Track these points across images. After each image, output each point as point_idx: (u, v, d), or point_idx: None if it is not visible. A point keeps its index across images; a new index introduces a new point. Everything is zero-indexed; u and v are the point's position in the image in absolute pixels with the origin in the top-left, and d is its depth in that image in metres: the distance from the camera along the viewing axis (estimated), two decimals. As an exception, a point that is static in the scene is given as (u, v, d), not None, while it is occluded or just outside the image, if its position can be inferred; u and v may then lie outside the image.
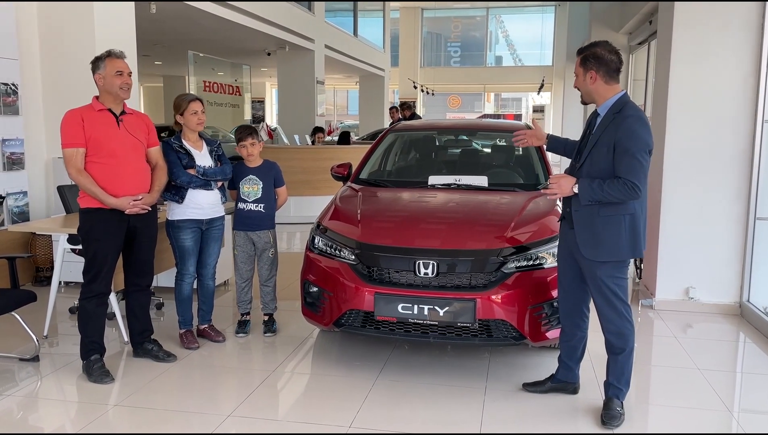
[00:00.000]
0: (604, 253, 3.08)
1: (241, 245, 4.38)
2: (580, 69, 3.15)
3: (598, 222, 3.07)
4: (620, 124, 3.02)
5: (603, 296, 3.15)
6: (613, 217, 3.06)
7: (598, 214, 3.06)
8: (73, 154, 3.53)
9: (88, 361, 3.66)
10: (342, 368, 3.88)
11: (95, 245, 3.62)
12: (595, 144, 3.10)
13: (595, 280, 3.15)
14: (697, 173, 4.98)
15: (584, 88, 3.17)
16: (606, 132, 3.06)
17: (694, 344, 4.39)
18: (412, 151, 5.54)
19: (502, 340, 3.56)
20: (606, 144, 3.04)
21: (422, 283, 3.57)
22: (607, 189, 2.97)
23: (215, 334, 4.30)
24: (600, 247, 3.08)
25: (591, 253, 3.10)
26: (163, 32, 10.99)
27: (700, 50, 4.91)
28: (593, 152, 3.10)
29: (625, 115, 3.04)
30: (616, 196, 2.97)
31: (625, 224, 3.06)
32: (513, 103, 35.42)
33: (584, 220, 3.12)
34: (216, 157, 4.19)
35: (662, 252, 5.11)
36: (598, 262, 3.10)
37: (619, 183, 2.97)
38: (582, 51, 3.17)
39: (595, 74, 3.10)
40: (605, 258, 3.09)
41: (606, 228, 3.07)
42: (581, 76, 3.15)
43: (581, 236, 3.12)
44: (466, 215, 4.05)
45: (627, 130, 2.99)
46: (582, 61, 3.14)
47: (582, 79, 3.15)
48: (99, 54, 3.63)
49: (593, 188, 3.01)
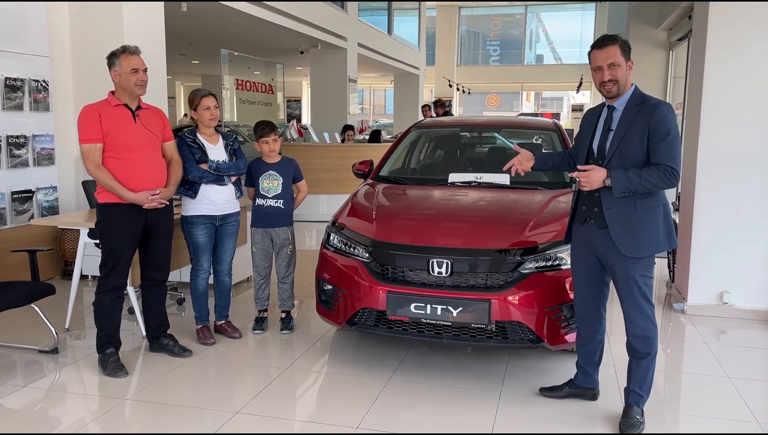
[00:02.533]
0: (643, 248, 2.95)
1: (259, 242, 4.36)
2: (622, 57, 2.96)
3: (635, 217, 2.94)
4: (651, 112, 2.90)
5: (632, 297, 3.02)
6: (650, 209, 2.94)
7: (635, 208, 2.93)
8: (90, 150, 3.55)
9: (103, 355, 3.69)
10: (356, 367, 3.82)
11: (113, 240, 3.64)
12: (623, 138, 2.95)
13: (627, 281, 3.01)
14: (733, 172, 4.76)
15: (625, 79, 2.99)
16: (634, 124, 2.93)
17: (725, 351, 4.19)
18: (434, 148, 5.45)
19: (519, 343, 3.45)
20: (638, 135, 2.91)
21: (436, 283, 3.49)
22: (646, 176, 2.85)
23: (232, 331, 4.29)
24: (640, 243, 2.94)
25: (631, 249, 2.95)
26: (196, 31, 11.13)
27: (735, 48, 4.70)
28: (622, 146, 2.95)
29: (653, 103, 2.95)
30: (656, 183, 2.85)
31: (660, 216, 2.95)
32: (554, 103, 34.83)
33: (619, 218, 2.97)
34: (231, 152, 4.18)
35: (695, 254, 4.90)
36: (632, 261, 2.96)
37: (658, 169, 2.85)
38: (614, 39, 2.98)
39: (632, 64, 2.99)
40: (645, 253, 2.96)
41: (643, 222, 2.94)
42: (624, 64, 2.97)
43: (618, 234, 2.97)
44: (484, 213, 3.95)
45: (661, 117, 2.88)
46: (623, 49, 2.97)
47: (625, 68, 2.98)
48: (114, 50, 3.64)
49: (629, 178, 2.87)
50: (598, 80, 3.02)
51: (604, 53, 2.98)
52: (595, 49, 3.02)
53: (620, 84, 2.99)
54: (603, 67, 2.98)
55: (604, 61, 2.97)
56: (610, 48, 2.97)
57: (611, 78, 2.97)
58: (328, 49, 12.98)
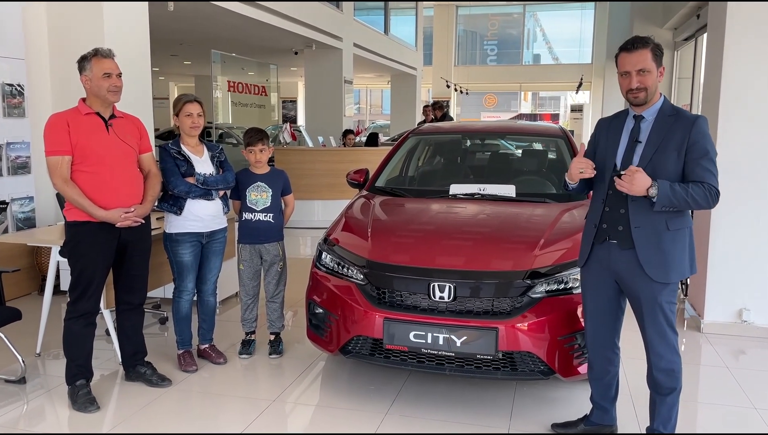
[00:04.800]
0: (673, 273, 2.67)
1: (248, 259, 4.04)
2: (653, 64, 2.65)
3: (667, 238, 2.66)
4: (690, 126, 2.62)
5: (657, 327, 2.73)
6: (680, 231, 2.67)
7: (667, 228, 2.65)
8: (57, 163, 3.23)
9: (73, 387, 3.38)
10: (351, 398, 3.51)
11: (82, 261, 3.32)
12: (656, 150, 2.66)
13: (653, 308, 2.71)
14: (753, 181, 4.45)
15: (655, 86, 2.69)
16: (670, 136, 2.64)
17: (749, 376, 3.88)
18: (433, 156, 5.14)
19: (528, 375, 3.14)
20: (676, 148, 2.63)
21: (437, 309, 3.18)
22: (692, 193, 2.57)
23: (216, 356, 3.97)
24: (670, 266, 2.66)
25: (660, 274, 2.66)
26: (186, 31, 10.81)
27: (756, 47, 4.38)
28: (655, 158, 2.65)
29: (689, 116, 2.67)
30: (699, 202, 2.59)
31: (688, 238, 2.70)
32: (551, 102, 34.54)
33: (649, 238, 2.67)
34: (218, 164, 3.87)
35: (711, 269, 4.60)
36: (659, 286, 2.68)
37: (704, 188, 2.59)
38: (646, 42, 2.66)
39: (663, 70, 2.70)
40: (675, 278, 2.68)
41: (674, 244, 2.67)
42: (655, 71, 2.66)
43: (646, 256, 2.67)
44: (489, 231, 3.63)
45: (702, 132, 2.62)
46: (654, 54, 2.66)
47: (656, 75, 2.67)
48: (85, 53, 3.33)
49: (675, 191, 2.57)
50: (626, 87, 2.71)
51: (634, 57, 2.66)
52: (624, 52, 2.69)
53: (649, 92, 2.68)
54: (631, 74, 2.66)
55: (633, 67, 2.65)
56: (641, 52, 2.65)
57: (640, 85, 2.66)
58: (322, 50, 12.66)
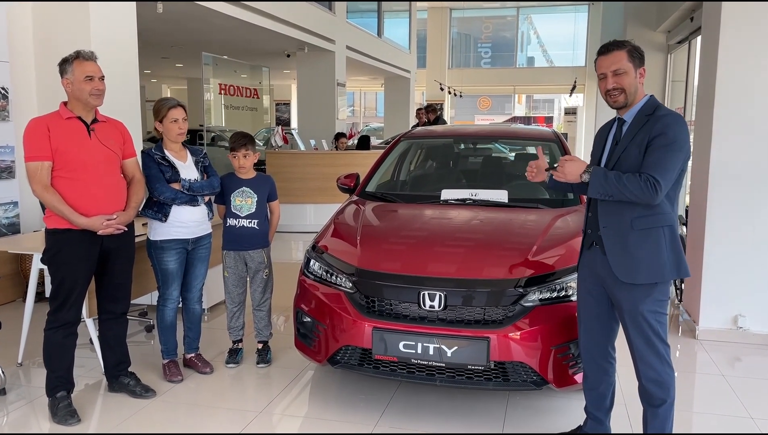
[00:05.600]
0: (642, 274, 2.59)
1: (232, 266, 3.95)
2: (630, 64, 2.64)
3: (632, 237, 2.60)
4: (654, 123, 2.59)
5: (643, 336, 2.65)
6: (650, 230, 2.58)
7: (631, 227, 2.59)
8: (37, 169, 3.14)
9: (53, 399, 3.28)
10: (339, 410, 3.43)
11: (63, 270, 3.23)
12: (625, 148, 2.63)
13: (635, 317, 2.65)
14: (749, 187, 4.40)
15: (634, 87, 2.66)
16: (637, 135, 2.61)
17: (745, 385, 3.82)
18: (425, 161, 5.06)
19: (521, 385, 3.07)
20: (637, 145, 2.59)
21: (428, 318, 3.10)
22: (625, 181, 2.52)
23: (202, 365, 3.88)
24: (638, 268, 2.59)
25: (627, 274, 2.61)
26: (176, 33, 10.69)
27: (751, 49, 4.33)
28: (622, 156, 2.64)
29: (660, 114, 2.62)
30: (634, 192, 2.51)
31: (665, 238, 2.59)
32: (545, 105, 34.52)
33: (615, 238, 2.63)
34: (202, 169, 3.78)
35: (706, 275, 4.54)
36: (639, 293, 2.61)
37: (639, 178, 2.51)
38: (622, 44, 2.68)
39: (644, 71, 2.68)
40: (644, 280, 2.60)
41: (643, 244, 2.59)
42: (632, 72, 2.65)
43: (613, 256, 2.64)
44: (481, 237, 3.56)
45: (663, 126, 2.57)
46: (631, 55, 2.65)
47: (633, 75, 2.66)
48: (66, 56, 3.24)
49: (608, 178, 2.56)
50: (603, 89, 2.72)
51: (609, 59, 2.67)
52: (600, 55, 2.72)
53: (628, 93, 2.66)
54: (607, 75, 2.67)
55: (608, 68, 2.67)
56: (615, 54, 2.66)
57: (616, 86, 2.66)
58: (315, 52, 12.57)
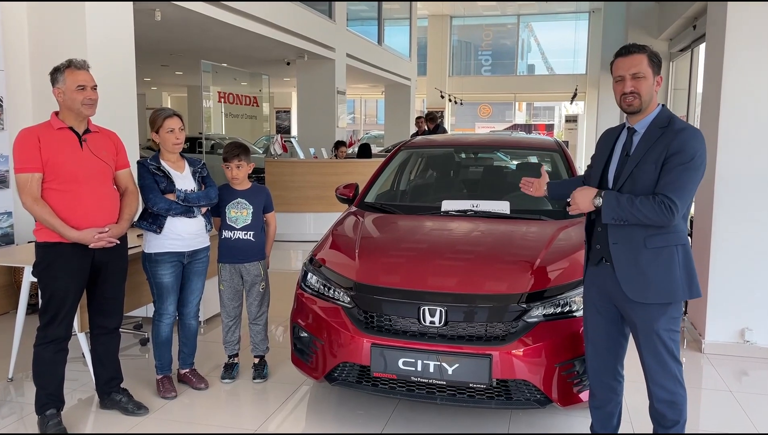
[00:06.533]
0: (653, 294, 2.51)
1: (228, 280, 3.86)
2: (650, 69, 2.56)
3: (645, 256, 2.51)
4: (673, 137, 2.48)
5: (656, 355, 2.57)
6: (663, 249, 2.49)
7: (645, 245, 2.50)
8: (27, 180, 3.06)
9: (42, 417, 3.19)
10: (338, 427, 3.33)
11: (53, 285, 3.14)
12: (638, 163, 2.53)
13: (649, 336, 2.56)
14: (756, 196, 4.31)
15: (650, 94, 2.58)
16: (653, 148, 2.52)
17: (754, 401, 3.72)
18: (425, 171, 4.98)
19: (524, 404, 2.97)
20: (654, 160, 2.49)
21: (428, 334, 3.01)
22: (639, 205, 2.42)
23: (197, 381, 3.79)
24: (649, 287, 2.51)
25: (637, 293, 2.53)
26: (175, 41, 10.64)
27: (759, 55, 4.25)
28: (635, 172, 2.53)
29: (678, 127, 2.52)
30: (648, 215, 2.42)
31: (678, 257, 2.50)
32: (546, 113, 34.49)
33: (626, 256, 2.54)
34: (200, 180, 3.70)
35: (713, 287, 4.44)
36: (654, 312, 2.53)
37: (654, 200, 2.42)
38: (642, 48, 2.59)
39: (661, 79, 2.59)
40: (654, 299, 2.51)
41: (655, 264, 2.50)
42: (651, 78, 2.57)
43: (623, 274, 2.55)
44: (483, 250, 3.47)
45: (682, 142, 2.46)
46: (651, 60, 2.57)
47: (651, 81, 2.57)
48: (58, 65, 3.17)
49: (620, 202, 2.46)
50: (619, 92, 2.61)
51: (629, 61, 2.57)
52: (619, 57, 2.61)
53: (643, 99, 2.57)
54: (625, 78, 2.57)
55: (627, 71, 2.57)
56: (636, 56, 2.57)
57: (633, 90, 2.56)
58: (315, 60, 12.52)
